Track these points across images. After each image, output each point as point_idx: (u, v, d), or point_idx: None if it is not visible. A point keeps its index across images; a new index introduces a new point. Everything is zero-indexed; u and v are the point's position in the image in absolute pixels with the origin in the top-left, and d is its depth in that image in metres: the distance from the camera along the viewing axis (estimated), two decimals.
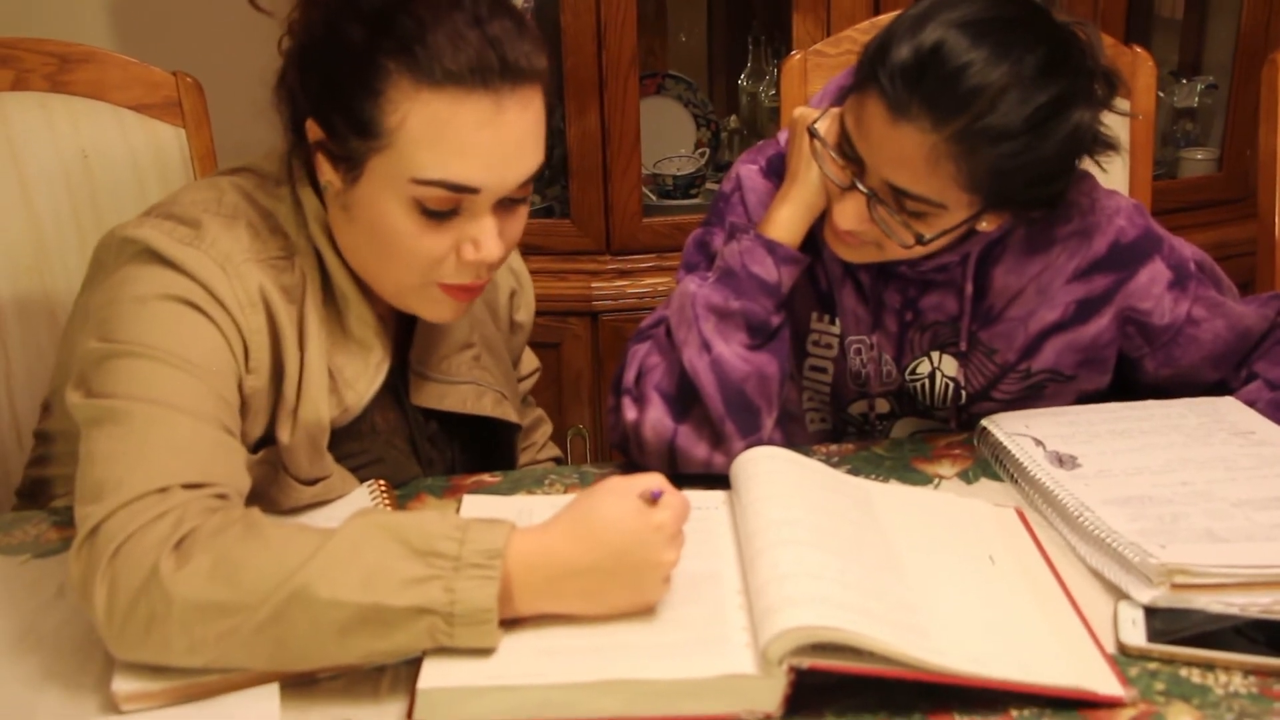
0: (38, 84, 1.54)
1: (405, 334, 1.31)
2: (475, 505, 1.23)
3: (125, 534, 0.97)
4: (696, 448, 1.27)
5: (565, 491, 1.29)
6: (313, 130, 1.14)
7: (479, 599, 0.95)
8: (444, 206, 1.12)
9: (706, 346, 1.28)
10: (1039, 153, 1.17)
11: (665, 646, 0.99)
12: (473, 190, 1.11)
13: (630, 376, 1.33)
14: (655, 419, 1.28)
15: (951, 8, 1.17)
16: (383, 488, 1.27)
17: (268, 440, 1.19)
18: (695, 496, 1.23)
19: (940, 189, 1.19)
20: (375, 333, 1.24)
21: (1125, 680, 0.96)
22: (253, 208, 1.20)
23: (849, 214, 1.25)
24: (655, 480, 1.02)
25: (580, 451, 2.34)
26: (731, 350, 1.28)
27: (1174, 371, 1.41)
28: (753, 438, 1.27)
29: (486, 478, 1.33)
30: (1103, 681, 0.96)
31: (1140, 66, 1.70)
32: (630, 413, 1.31)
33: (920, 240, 1.23)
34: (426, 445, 1.35)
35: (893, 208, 1.22)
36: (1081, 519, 1.15)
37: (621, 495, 1.01)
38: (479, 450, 1.43)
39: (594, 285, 2.31)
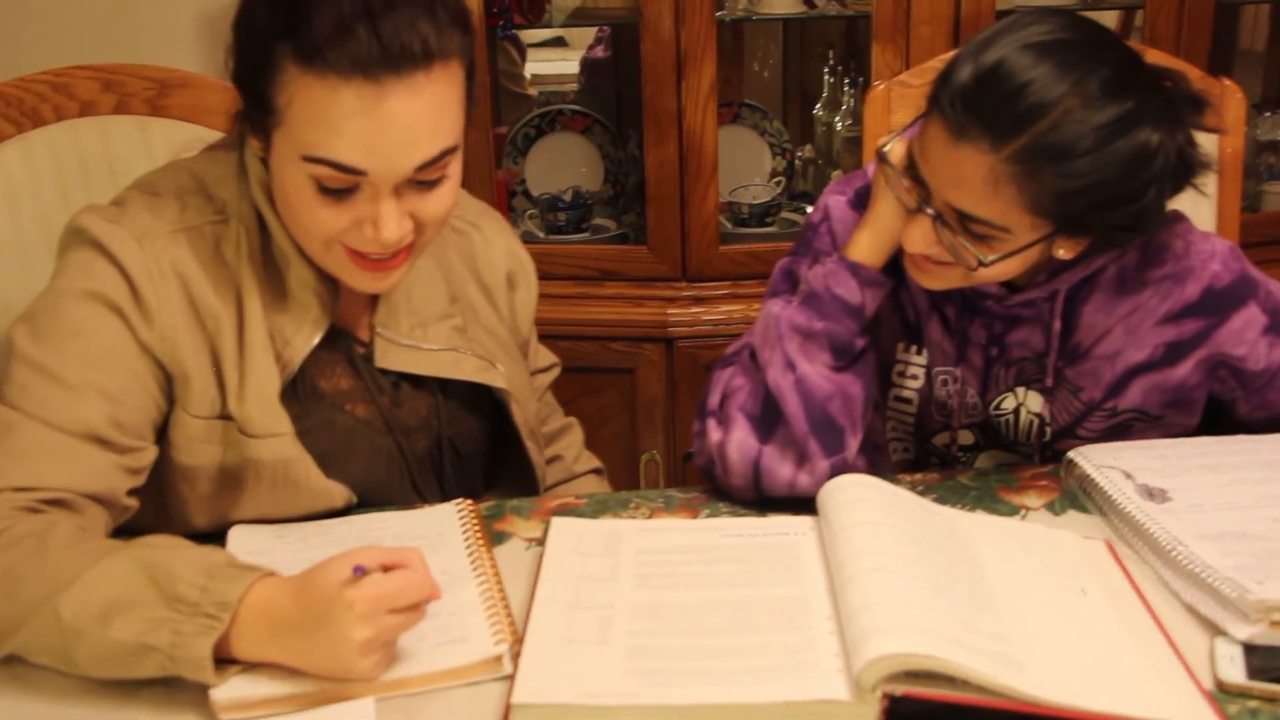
0: (138, 108, 1.58)
1: (373, 303, 1.34)
2: (562, 528, 1.24)
3: None
4: (781, 468, 1.27)
5: (650, 515, 1.29)
6: (236, 99, 1.20)
7: (195, 647, 0.98)
8: (339, 185, 1.14)
9: (791, 366, 1.28)
10: (1105, 174, 1.15)
11: (757, 670, 0.99)
12: (359, 173, 1.13)
13: (715, 399, 1.34)
14: (740, 440, 1.29)
15: (1017, 30, 1.17)
16: (470, 506, 1.28)
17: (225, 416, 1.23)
18: (781, 522, 1.25)
19: (1003, 212, 1.18)
20: (313, 292, 1.26)
21: (1225, 718, 0.95)
22: (188, 178, 1.26)
23: (915, 237, 1.25)
24: (371, 557, 1.00)
25: (653, 477, 2.34)
26: (815, 370, 1.28)
27: (1269, 415, 1.39)
28: (837, 458, 1.27)
29: (572, 500, 1.34)
30: (1201, 718, 0.94)
31: (1229, 99, 1.68)
32: (715, 434, 1.31)
33: (982, 263, 1.22)
34: (401, 412, 1.34)
35: (957, 230, 1.22)
36: (1175, 553, 1.14)
37: (340, 563, 1.00)
38: (482, 423, 1.42)
39: (670, 312, 2.32)
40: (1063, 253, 1.25)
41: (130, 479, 1.18)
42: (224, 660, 1.00)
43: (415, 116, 1.12)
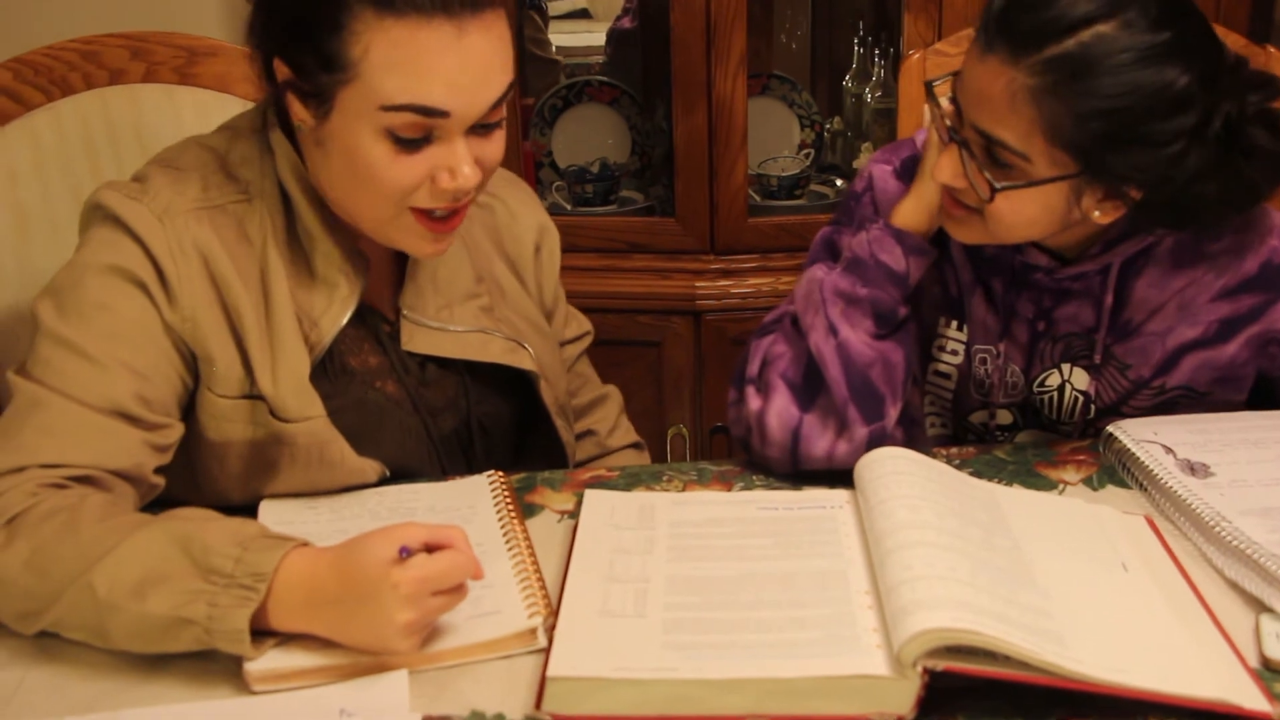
0: (167, 76, 1.57)
1: (399, 281, 1.32)
2: (595, 500, 1.23)
3: None
4: (821, 437, 1.26)
5: (683, 488, 1.28)
6: (280, 70, 1.16)
7: (233, 619, 0.98)
8: (415, 134, 1.13)
9: (833, 330, 1.27)
10: (1123, 102, 1.12)
11: (794, 645, 0.98)
12: (442, 114, 1.12)
13: (754, 367, 1.33)
14: (781, 407, 1.27)
15: None
16: (502, 478, 1.27)
17: (254, 395, 1.21)
18: (818, 495, 1.23)
19: (1021, 134, 1.15)
20: (340, 270, 1.25)
21: (1272, 696, 0.93)
22: (211, 157, 1.24)
23: (944, 165, 1.22)
24: (415, 536, 0.99)
25: (680, 451, 2.33)
26: (858, 336, 1.27)
27: None
28: (876, 426, 1.25)
29: (604, 472, 1.33)
30: (1248, 696, 0.93)
31: (1274, 67, 1.66)
32: (755, 402, 1.30)
33: (994, 188, 1.18)
34: (429, 391, 1.34)
35: (982, 159, 1.19)
36: (1218, 529, 1.12)
37: (385, 541, 0.99)
38: (510, 401, 1.41)
39: (697, 285, 2.30)
40: (1097, 214, 1.21)
41: (157, 456, 1.17)
42: (259, 633, 1.00)
43: (490, 52, 1.14)
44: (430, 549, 1.00)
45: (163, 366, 1.18)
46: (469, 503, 1.24)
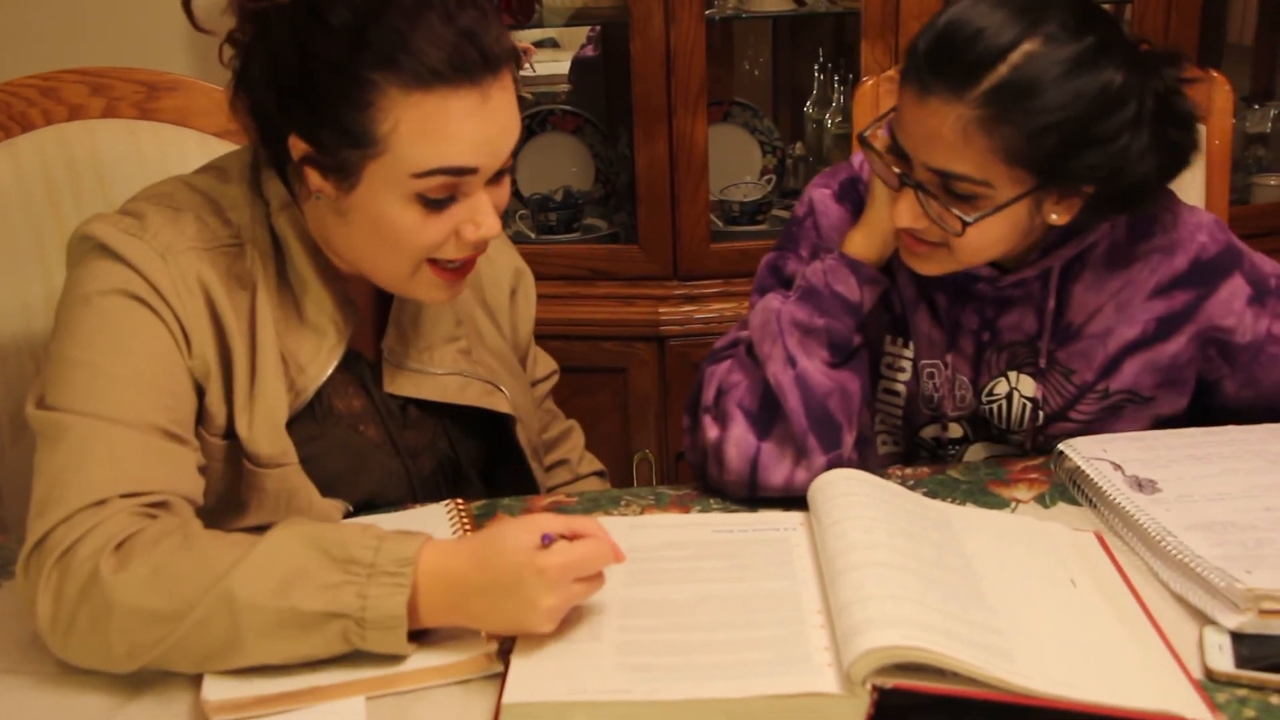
0: (127, 111, 1.58)
1: (381, 325, 1.34)
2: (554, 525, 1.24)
3: (64, 545, 1.03)
4: (779, 465, 1.27)
5: (642, 513, 1.30)
6: (297, 146, 1.17)
7: (389, 605, 1.00)
8: (444, 194, 1.16)
9: (791, 361, 1.29)
10: (1072, 110, 1.16)
11: (747, 665, 0.99)
12: (471, 171, 1.16)
13: (710, 395, 1.34)
14: (738, 436, 1.29)
15: None
16: (459, 506, 1.28)
17: (231, 435, 1.21)
18: (772, 518, 1.25)
19: (979, 164, 1.18)
20: (330, 318, 1.26)
21: (1214, 706, 0.95)
22: (203, 199, 1.24)
23: (902, 211, 1.25)
24: (555, 525, 1.03)
25: (646, 476, 2.34)
26: (815, 366, 1.29)
27: (1256, 394, 1.39)
28: (834, 454, 1.27)
29: (563, 498, 1.34)
30: (1191, 707, 0.95)
31: (1217, 91, 1.69)
32: (712, 431, 1.31)
33: (964, 222, 1.21)
34: (409, 434, 1.35)
35: (942, 198, 1.22)
36: (1164, 544, 1.14)
37: (524, 530, 1.03)
38: (485, 442, 1.42)
39: (661, 311, 2.32)
40: (1055, 217, 1.24)
41: (200, 479, 1.17)
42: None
43: (508, 108, 1.18)
44: (568, 538, 1.03)
45: (188, 390, 1.18)
46: (429, 530, 1.24)
